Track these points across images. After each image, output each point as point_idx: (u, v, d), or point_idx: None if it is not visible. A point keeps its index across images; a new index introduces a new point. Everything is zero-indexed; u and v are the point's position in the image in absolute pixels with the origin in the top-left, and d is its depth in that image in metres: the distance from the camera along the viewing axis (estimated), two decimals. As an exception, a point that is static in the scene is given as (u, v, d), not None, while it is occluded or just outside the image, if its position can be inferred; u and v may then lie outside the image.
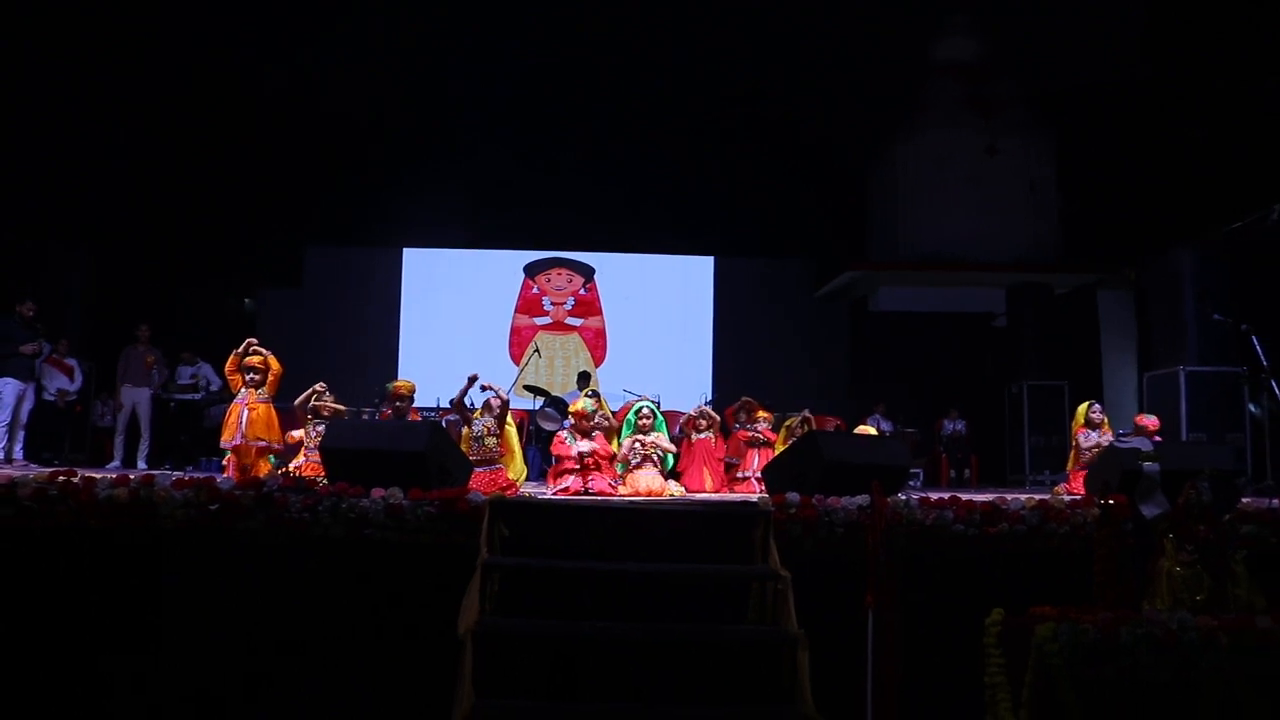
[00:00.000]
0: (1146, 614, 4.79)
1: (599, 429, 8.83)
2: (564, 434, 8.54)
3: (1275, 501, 5.98)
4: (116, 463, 12.17)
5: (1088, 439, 9.57)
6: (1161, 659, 4.59)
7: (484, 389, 8.10)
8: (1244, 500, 5.83)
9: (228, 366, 8.38)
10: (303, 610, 5.43)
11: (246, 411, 8.08)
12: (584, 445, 8.45)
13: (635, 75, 15.79)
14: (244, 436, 7.99)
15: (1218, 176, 12.60)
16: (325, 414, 8.10)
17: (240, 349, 8.34)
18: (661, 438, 8.87)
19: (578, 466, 8.32)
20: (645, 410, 8.87)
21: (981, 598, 5.22)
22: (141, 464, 12.19)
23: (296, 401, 8.31)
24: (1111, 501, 5.47)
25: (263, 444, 8.04)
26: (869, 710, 4.93)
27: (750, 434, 10.93)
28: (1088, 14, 15.11)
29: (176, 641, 5.38)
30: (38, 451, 11.61)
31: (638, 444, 8.69)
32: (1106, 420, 9.81)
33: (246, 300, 16.60)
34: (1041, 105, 17.35)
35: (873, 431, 9.77)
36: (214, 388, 13.65)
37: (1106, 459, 6.66)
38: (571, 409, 8.71)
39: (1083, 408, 9.90)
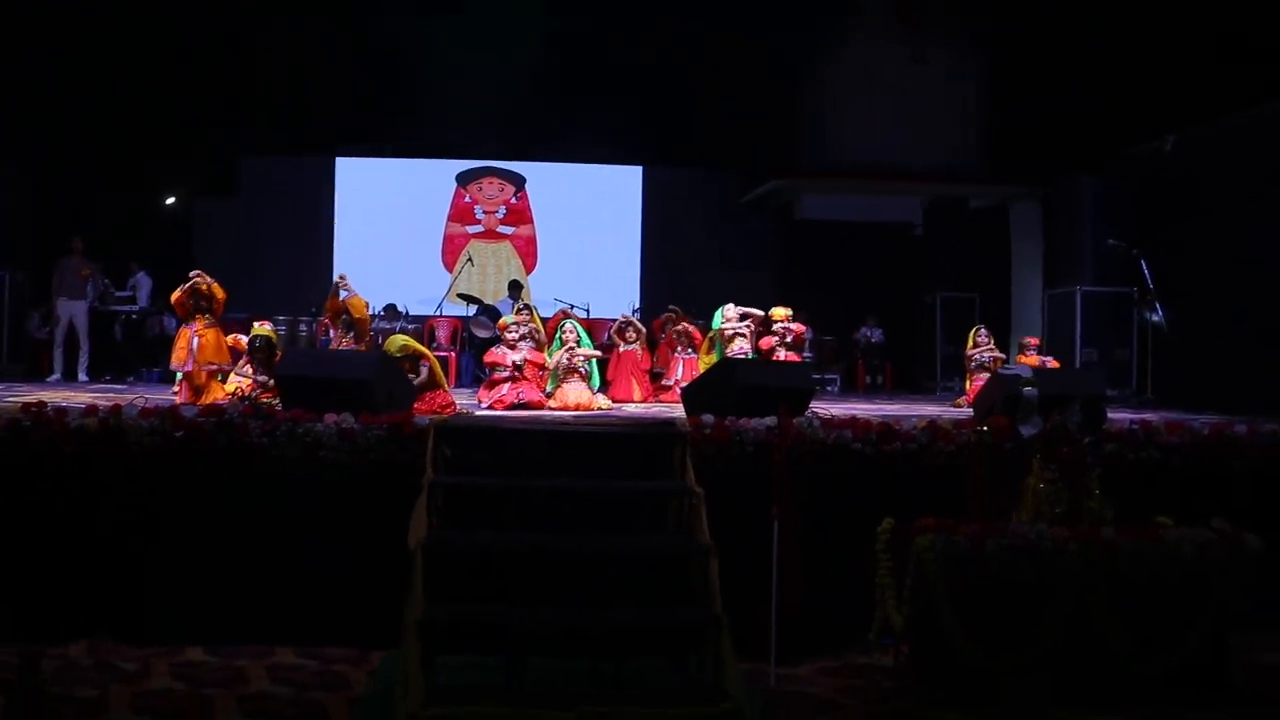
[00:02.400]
0: (1011, 526, 5.52)
1: (528, 340, 9.40)
2: (498, 347, 9.16)
3: (1134, 424, 6.72)
4: (57, 375, 12.42)
5: (977, 356, 10.58)
6: (1021, 565, 5.34)
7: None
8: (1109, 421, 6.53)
9: (175, 297, 8.73)
10: (262, 525, 5.97)
11: (197, 338, 8.47)
12: (517, 355, 9.03)
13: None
14: (195, 361, 8.40)
15: (1125, 102, 13.18)
16: (355, 315, 8.60)
17: (186, 282, 8.67)
18: (587, 349, 9.58)
19: (511, 375, 8.90)
20: (569, 327, 9.47)
21: (876, 509, 5.88)
22: (82, 375, 12.47)
23: (327, 303, 8.79)
24: (988, 426, 6.21)
25: (213, 367, 8.47)
26: (774, 609, 5.60)
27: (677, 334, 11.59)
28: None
29: (156, 550, 5.91)
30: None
31: (566, 356, 9.35)
32: (993, 342, 10.83)
33: (170, 200, 16.53)
34: (970, 17, 17.64)
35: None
36: (143, 301, 13.88)
37: (992, 384, 7.37)
38: (499, 324, 9.27)
39: (971, 332, 10.97)
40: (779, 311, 10.71)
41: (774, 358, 10.37)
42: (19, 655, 3.93)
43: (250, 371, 8.22)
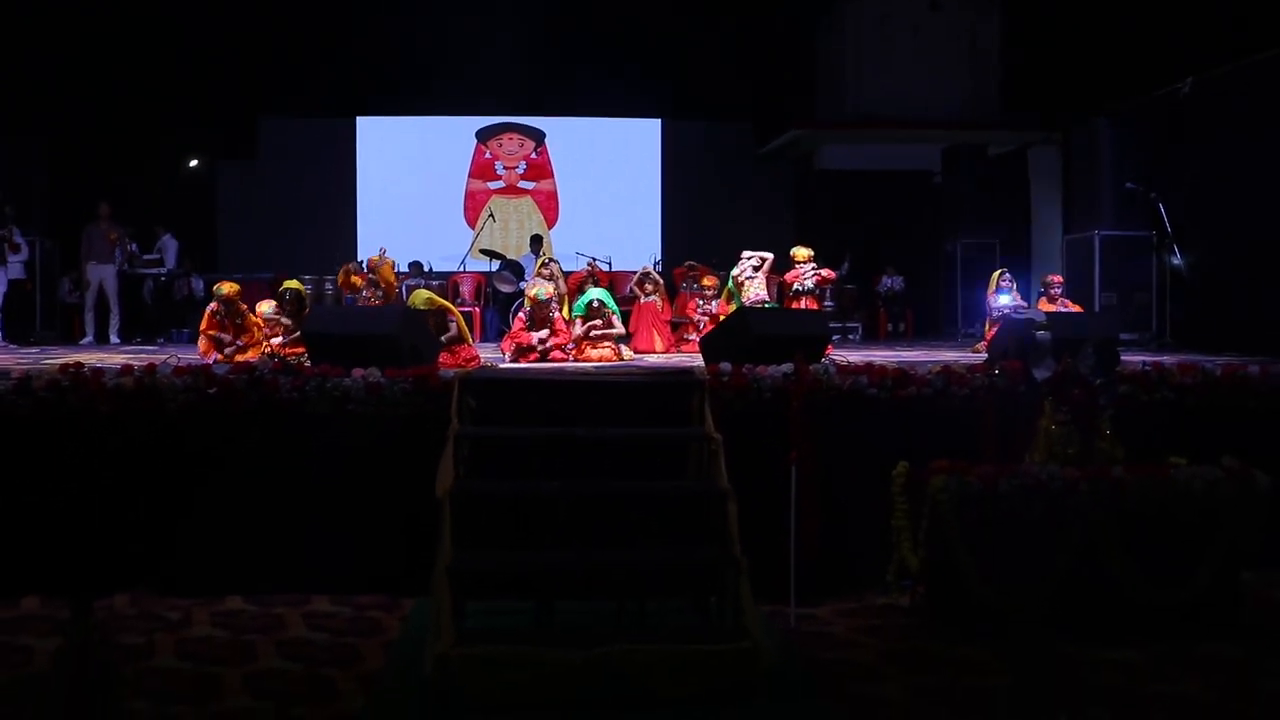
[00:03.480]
0: (1024, 467, 5.62)
1: (556, 305, 9.49)
2: (524, 315, 9.18)
3: (1147, 366, 6.78)
4: (89, 338, 12.66)
5: (996, 301, 10.49)
6: (1033, 504, 5.45)
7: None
8: (1123, 362, 6.60)
9: (202, 327, 9.05)
10: (295, 478, 6.14)
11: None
12: (543, 333, 9.10)
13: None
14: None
15: (1143, 44, 13.06)
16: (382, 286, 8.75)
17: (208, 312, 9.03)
18: (614, 319, 9.52)
19: (537, 354, 9.00)
20: (596, 303, 9.42)
21: (892, 453, 5.98)
22: (114, 338, 12.70)
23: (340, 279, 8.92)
24: (1001, 370, 6.29)
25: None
26: (792, 552, 5.74)
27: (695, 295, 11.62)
28: None
29: (193, 505, 6.10)
30: (11, 333, 12.09)
31: (593, 329, 9.36)
32: (1015, 286, 10.73)
33: (192, 163, 16.69)
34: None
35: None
36: (170, 263, 14.09)
37: (1006, 329, 7.44)
38: (528, 295, 9.32)
39: (995, 275, 10.84)
40: (801, 251, 10.63)
41: (796, 302, 10.36)
42: (69, 606, 4.10)
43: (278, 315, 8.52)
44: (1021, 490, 5.44)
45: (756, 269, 10.66)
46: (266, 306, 9.17)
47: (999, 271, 11.02)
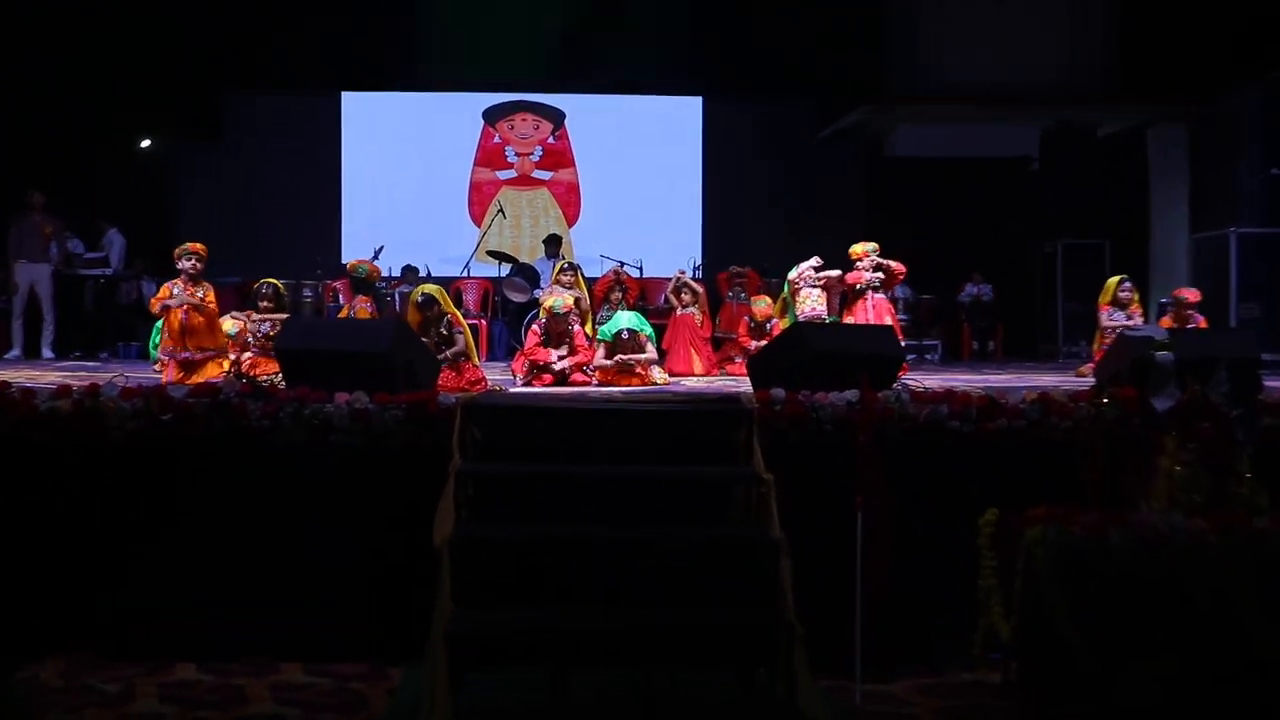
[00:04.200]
0: (1140, 516, 5.55)
1: (577, 318, 9.52)
2: (539, 329, 9.21)
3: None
4: (16, 351, 12.64)
5: (1111, 318, 10.27)
6: (1151, 562, 5.37)
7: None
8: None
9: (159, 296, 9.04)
10: (264, 521, 6.15)
11: (184, 314, 8.74)
12: (561, 351, 9.11)
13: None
14: (188, 350, 8.69)
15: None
16: None
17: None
18: (649, 344, 9.52)
19: (554, 376, 9.00)
20: (625, 334, 9.42)
21: (978, 497, 5.93)
22: (46, 351, 12.67)
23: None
24: (1111, 398, 6.24)
25: (210, 353, 8.75)
26: (856, 616, 5.70)
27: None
28: None
29: (141, 551, 6.11)
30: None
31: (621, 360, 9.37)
32: (1136, 298, 10.49)
33: (144, 144, 16.74)
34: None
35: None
36: (116, 263, 14.09)
37: (1118, 347, 7.38)
38: (543, 306, 9.34)
39: (1112, 282, 10.60)
40: (859, 248, 10.54)
41: (861, 301, 10.30)
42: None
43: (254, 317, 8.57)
44: (1138, 544, 5.36)
45: (818, 270, 10.61)
46: (231, 324, 9.20)
47: (1116, 280, 10.69)
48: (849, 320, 10.37)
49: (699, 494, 5.91)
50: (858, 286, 10.36)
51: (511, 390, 8.33)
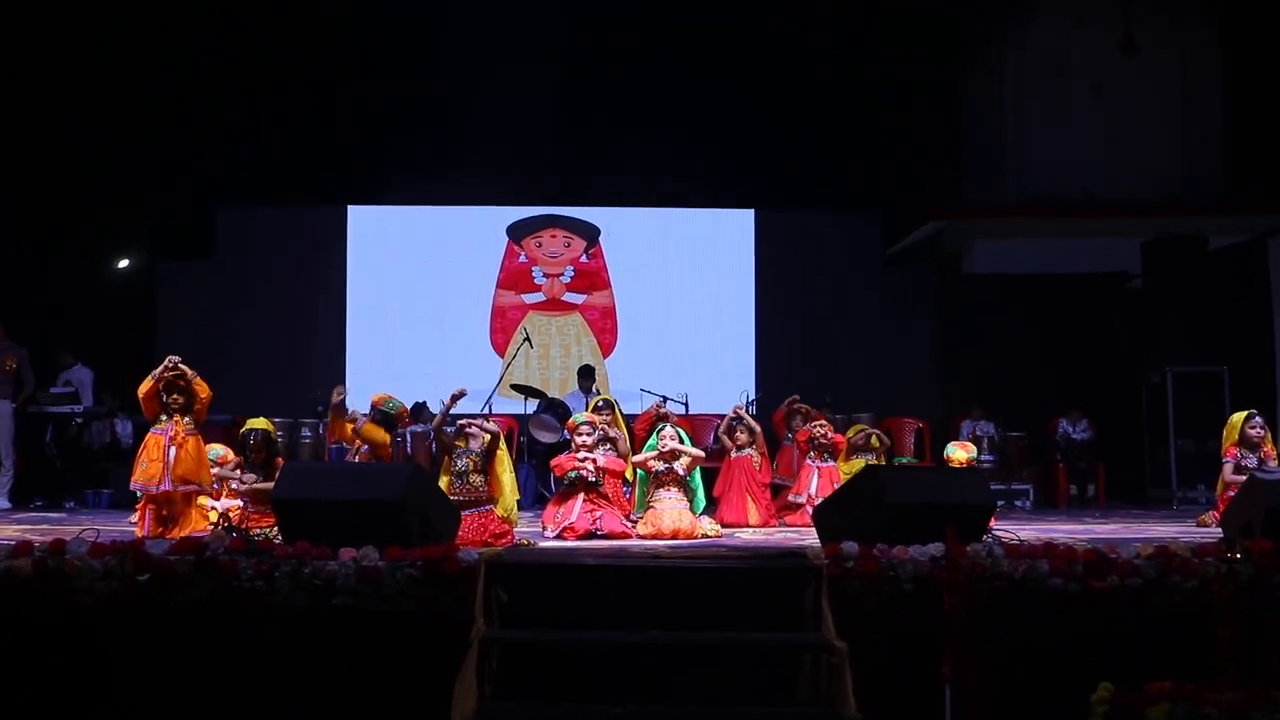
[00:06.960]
0: (1283, 692, 5.43)
1: (606, 445, 9.57)
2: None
3: None
4: (-34, 500, 12.68)
5: (1243, 461, 9.96)
6: (1300, 746, 5.24)
7: (466, 426, 8.74)
8: None
9: (143, 391, 8.98)
10: (258, 698, 6.10)
11: (174, 449, 8.73)
12: (595, 455, 9.20)
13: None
14: (171, 480, 8.66)
15: None
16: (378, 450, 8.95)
17: (158, 370, 8.94)
18: (690, 450, 9.66)
19: (588, 482, 9.05)
20: (668, 433, 9.52)
21: (1086, 669, 5.83)
22: (2, 501, 12.65)
23: (331, 421, 9.08)
24: (1241, 553, 6.13)
25: (193, 487, 8.73)
26: (948, 808, 5.59)
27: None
28: None
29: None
30: None
31: (657, 457, 9.48)
32: (1269, 436, 10.22)
33: (123, 264, 16.81)
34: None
35: (965, 450, 10.30)
36: (86, 401, 14.10)
37: (1249, 492, 7.29)
38: (568, 426, 9.39)
39: (1238, 419, 10.29)
40: (958, 454, 10.22)
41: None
42: None
43: (246, 479, 8.56)
44: (1282, 726, 5.24)
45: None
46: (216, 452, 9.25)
47: (1243, 415, 10.40)
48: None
49: (761, 665, 5.85)
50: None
51: (541, 545, 8.28)
